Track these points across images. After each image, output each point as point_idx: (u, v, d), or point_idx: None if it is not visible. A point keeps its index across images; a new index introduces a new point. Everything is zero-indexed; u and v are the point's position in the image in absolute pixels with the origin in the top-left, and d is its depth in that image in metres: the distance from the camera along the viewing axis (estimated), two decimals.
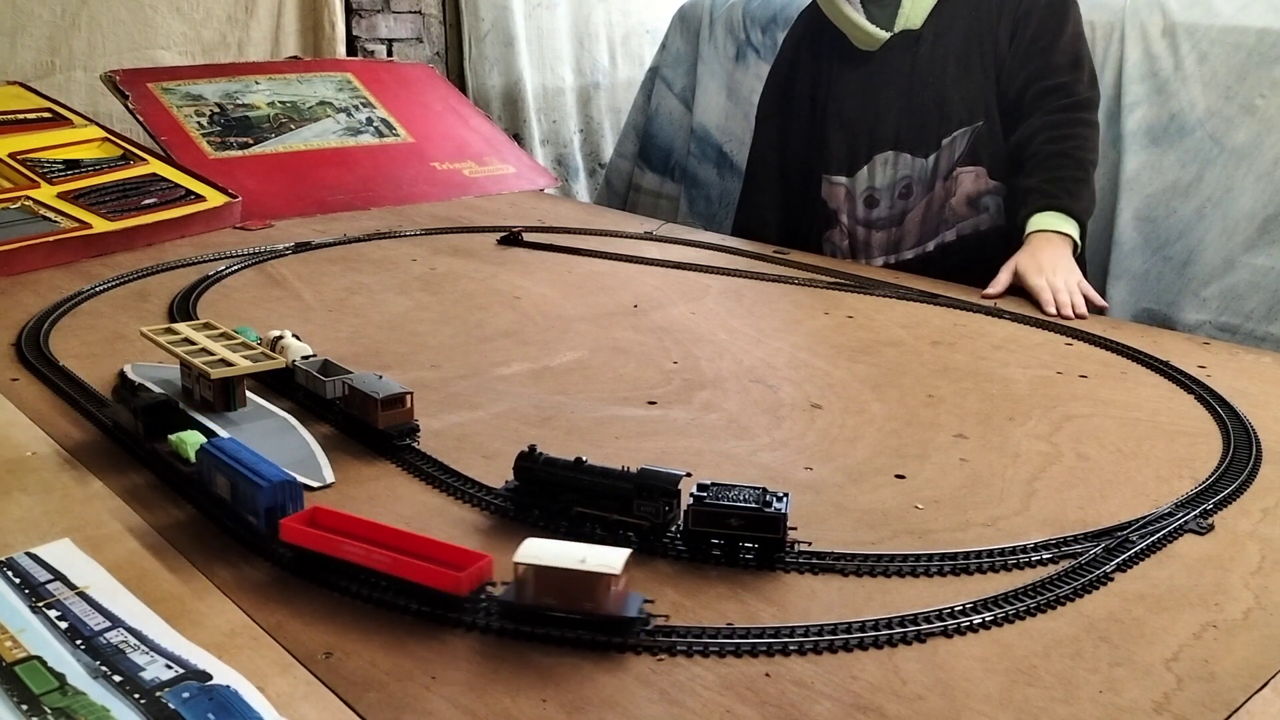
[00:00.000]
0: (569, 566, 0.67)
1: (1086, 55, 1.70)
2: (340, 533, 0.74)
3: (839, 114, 1.85)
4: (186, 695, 0.61)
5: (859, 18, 1.79)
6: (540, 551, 0.69)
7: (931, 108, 1.76)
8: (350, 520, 0.76)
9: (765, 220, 1.97)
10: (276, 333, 1.10)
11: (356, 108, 2.36)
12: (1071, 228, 1.59)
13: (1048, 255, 1.56)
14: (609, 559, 0.68)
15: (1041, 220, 1.60)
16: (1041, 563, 0.79)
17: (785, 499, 0.77)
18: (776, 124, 1.97)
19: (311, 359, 1.06)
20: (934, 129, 1.76)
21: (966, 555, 0.79)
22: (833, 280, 1.63)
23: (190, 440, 0.85)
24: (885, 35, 1.78)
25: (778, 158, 1.97)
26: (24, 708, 0.59)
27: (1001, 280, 1.57)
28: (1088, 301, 1.50)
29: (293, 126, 2.23)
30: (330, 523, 0.76)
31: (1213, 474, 0.95)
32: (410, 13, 2.97)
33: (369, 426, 0.95)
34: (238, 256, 1.66)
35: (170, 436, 0.87)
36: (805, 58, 1.92)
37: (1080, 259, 1.61)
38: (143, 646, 0.65)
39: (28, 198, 1.73)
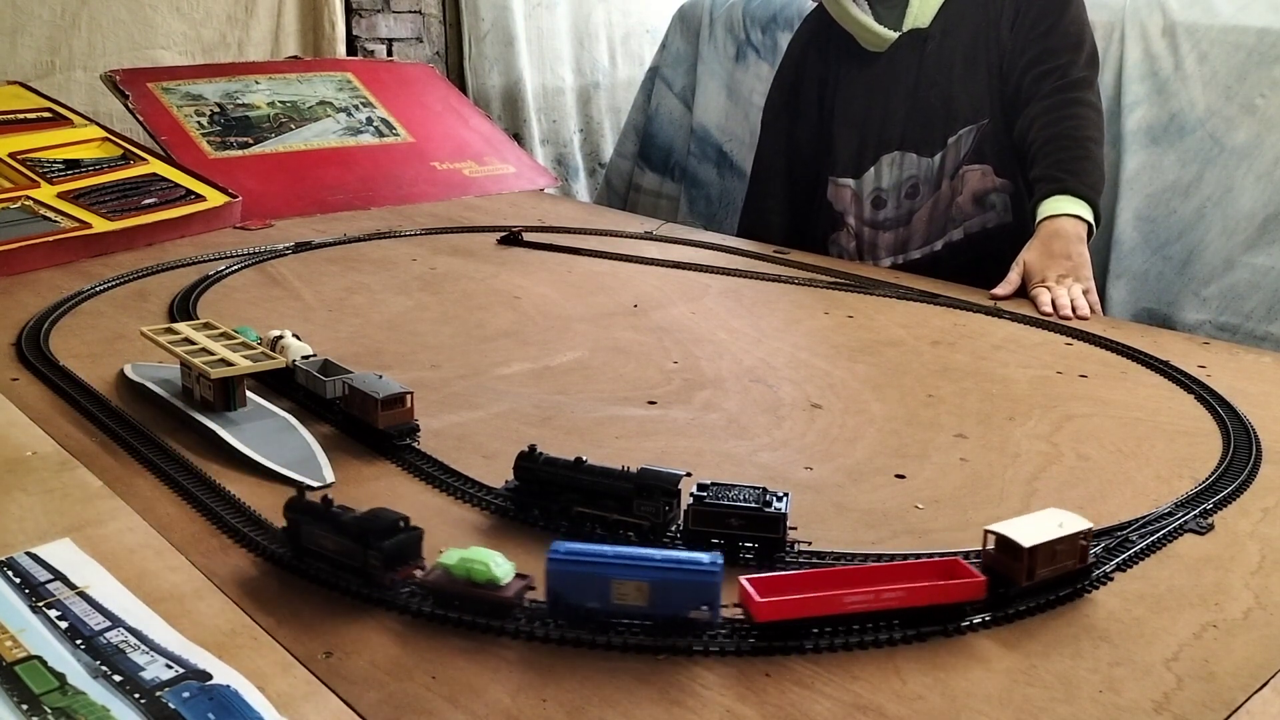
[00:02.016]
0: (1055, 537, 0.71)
1: (1089, 37, 1.69)
2: (810, 590, 0.69)
3: (846, 115, 1.85)
4: (186, 695, 0.61)
5: (867, 19, 1.78)
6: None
7: (938, 107, 1.75)
8: (795, 578, 0.70)
9: (771, 224, 1.97)
10: (276, 333, 1.10)
11: (356, 107, 2.36)
12: (1081, 208, 1.58)
13: (1058, 247, 1.55)
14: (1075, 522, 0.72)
15: (1049, 206, 1.59)
16: None
17: (785, 499, 0.77)
18: (783, 127, 1.96)
19: (311, 359, 1.06)
20: (940, 128, 1.76)
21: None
22: (833, 280, 1.63)
23: (491, 560, 0.69)
24: (894, 35, 1.78)
25: (784, 161, 1.97)
26: (24, 707, 0.59)
27: (1012, 279, 1.57)
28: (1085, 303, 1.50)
29: (293, 126, 2.23)
30: (788, 586, 0.69)
31: (1213, 474, 0.95)
32: (410, 13, 2.97)
33: (369, 426, 0.95)
34: (238, 256, 1.66)
35: (450, 562, 0.70)
36: (812, 60, 1.91)
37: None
38: (143, 646, 0.65)
39: (28, 198, 1.73)
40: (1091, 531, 0.74)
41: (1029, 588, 0.72)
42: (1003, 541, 0.72)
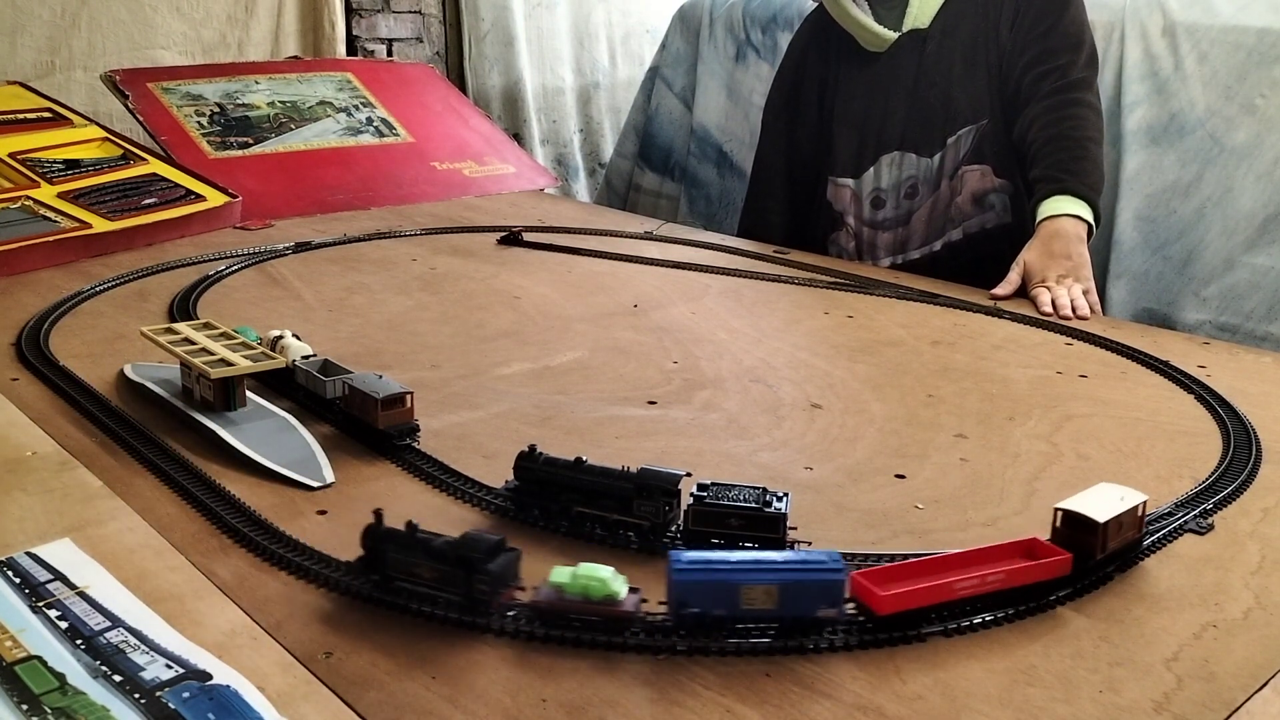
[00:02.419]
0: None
1: (1088, 37, 1.69)
2: (918, 580, 0.70)
3: (846, 115, 1.85)
4: (186, 695, 0.61)
5: (867, 19, 1.78)
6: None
7: (937, 107, 1.75)
8: (898, 569, 0.71)
9: (771, 224, 1.97)
10: (276, 333, 1.10)
11: (356, 107, 2.36)
12: (1080, 208, 1.58)
13: (1059, 247, 1.55)
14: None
15: (1049, 206, 1.59)
16: None
17: (785, 499, 0.77)
18: (783, 127, 1.96)
19: (311, 359, 1.06)
20: (939, 128, 1.76)
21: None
22: (833, 280, 1.63)
23: (606, 576, 0.68)
24: (894, 36, 1.78)
25: (784, 161, 1.97)
26: (24, 708, 0.59)
27: (1012, 279, 1.57)
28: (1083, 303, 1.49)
29: (293, 126, 2.23)
30: (898, 576, 0.70)
31: (1213, 474, 0.95)
32: (410, 13, 2.97)
33: (369, 426, 0.95)
34: (238, 256, 1.66)
35: (563, 581, 0.68)
36: (812, 60, 1.91)
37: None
38: (143, 646, 0.65)
39: (28, 198, 1.73)
40: (1146, 502, 0.79)
41: (1103, 559, 0.75)
42: (1074, 518, 0.75)
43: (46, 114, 2.02)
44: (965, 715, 0.62)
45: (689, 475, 0.82)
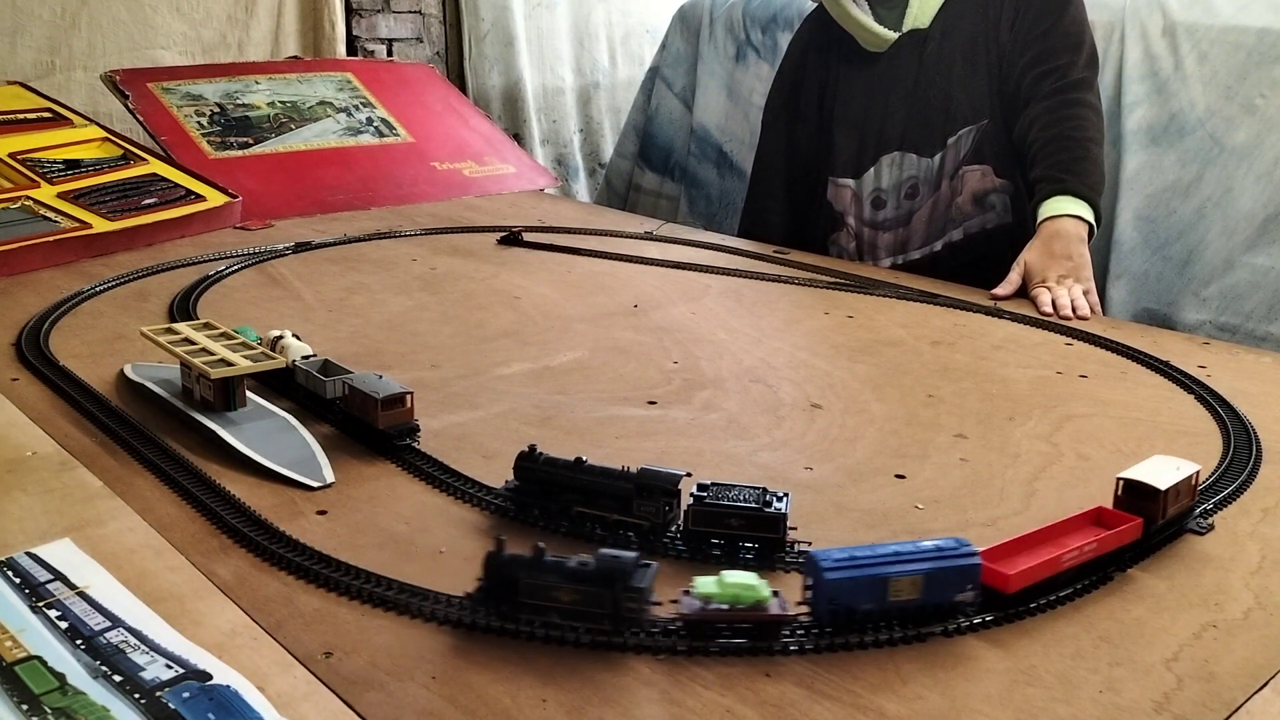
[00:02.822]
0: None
1: (1088, 37, 1.69)
2: (1030, 556, 0.73)
3: (846, 116, 1.85)
4: (186, 695, 0.61)
5: (867, 19, 1.78)
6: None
7: (938, 107, 1.75)
8: (1006, 547, 0.73)
9: (771, 224, 1.97)
10: (276, 333, 1.10)
11: (356, 108, 2.36)
12: (1081, 208, 1.58)
13: (1059, 248, 1.55)
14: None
15: (1050, 206, 1.59)
16: None
17: (785, 499, 0.77)
18: (783, 128, 1.96)
19: (311, 359, 1.06)
20: (940, 128, 1.76)
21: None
22: (833, 280, 1.63)
23: (753, 583, 0.67)
24: (894, 36, 1.78)
25: (784, 161, 1.97)
26: (24, 708, 0.59)
27: (1012, 279, 1.57)
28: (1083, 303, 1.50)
29: (293, 126, 2.23)
30: (1012, 554, 0.73)
31: (1213, 474, 0.95)
32: (410, 13, 2.97)
33: (369, 426, 0.95)
34: (238, 256, 1.66)
35: (712, 591, 0.67)
36: (812, 61, 1.91)
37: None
38: (143, 646, 0.65)
39: (28, 198, 1.73)
40: (1199, 472, 0.84)
41: (1163, 525, 0.80)
42: (1136, 486, 0.80)
43: (46, 114, 2.02)
44: (965, 715, 0.62)
45: (689, 475, 0.82)
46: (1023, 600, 0.72)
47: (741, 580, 0.67)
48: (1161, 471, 0.80)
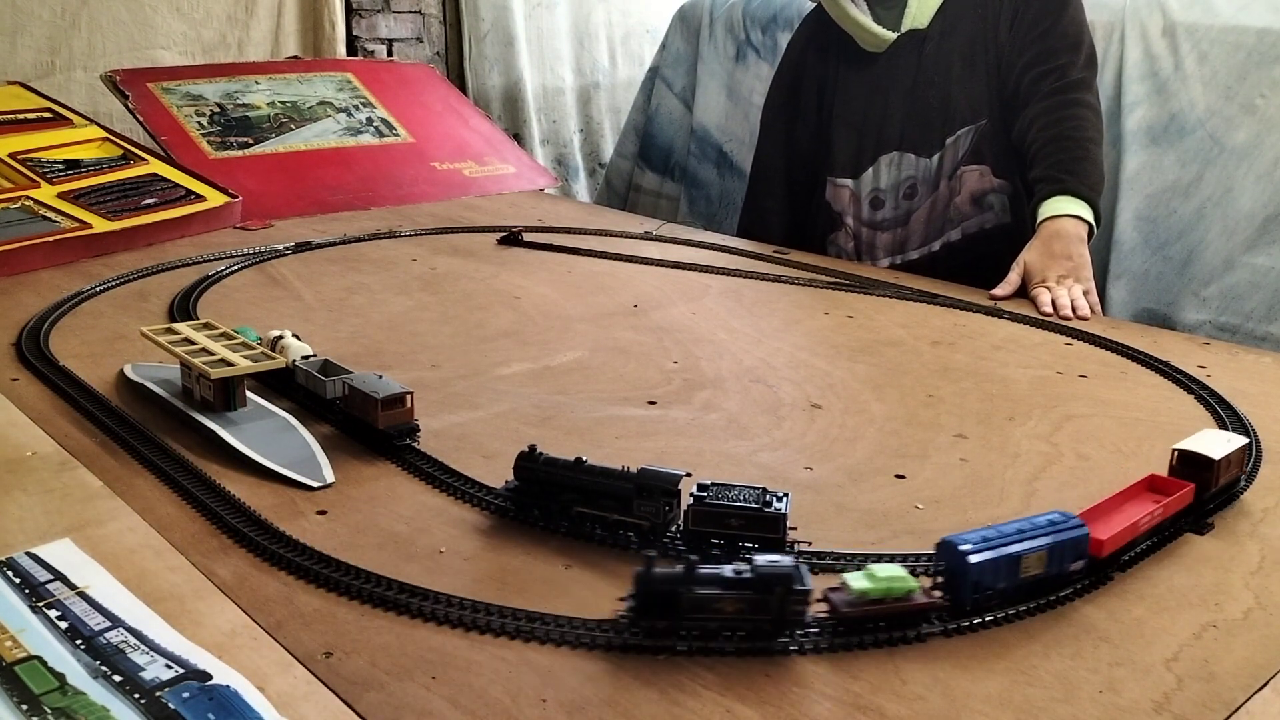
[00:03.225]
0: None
1: (1087, 37, 1.69)
2: (1112, 522, 0.78)
3: (845, 116, 1.85)
4: (186, 695, 0.61)
5: (866, 20, 1.78)
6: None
7: (936, 107, 1.75)
8: (1083, 516, 0.77)
9: (770, 224, 1.97)
10: (276, 333, 1.10)
11: (356, 108, 2.36)
12: (1081, 208, 1.58)
13: (1059, 248, 1.55)
14: None
15: (1050, 206, 1.59)
16: None
17: (785, 499, 0.77)
18: (782, 128, 1.96)
19: (311, 359, 1.06)
20: (938, 128, 1.76)
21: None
22: (833, 280, 1.63)
23: (902, 574, 0.69)
24: (892, 36, 1.78)
25: (783, 161, 1.97)
26: (24, 708, 0.59)
27: (1012, 280, 1.57)
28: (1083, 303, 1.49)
29: (293, 126, 2.23)
30: (1090, 520, 0.76)
31: None
32: (410, 13, 2.97)
33: (369, 426, 0.95)
34: (238, 256, 1.66)
35: (867, 585, 0.69)
36: (811, 61, 1.91)
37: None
38: (143, 646, 0.65)
39: (28, 198, 1.73)
40: (1248, 445, 0.91)
41: (1216, 493, 0.86)
42: (1189, 456, 0.86)
43: (46, 114, 2.02)
44: (965, 715, 0.62)
45: (689, 475, 0.82)
46: (1115, 564, 0.77)
47: (891, 572, 0.69)
48: (1214, 443, 0.87)
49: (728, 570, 0.67)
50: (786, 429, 1.05)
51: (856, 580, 0.68)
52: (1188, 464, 0.86)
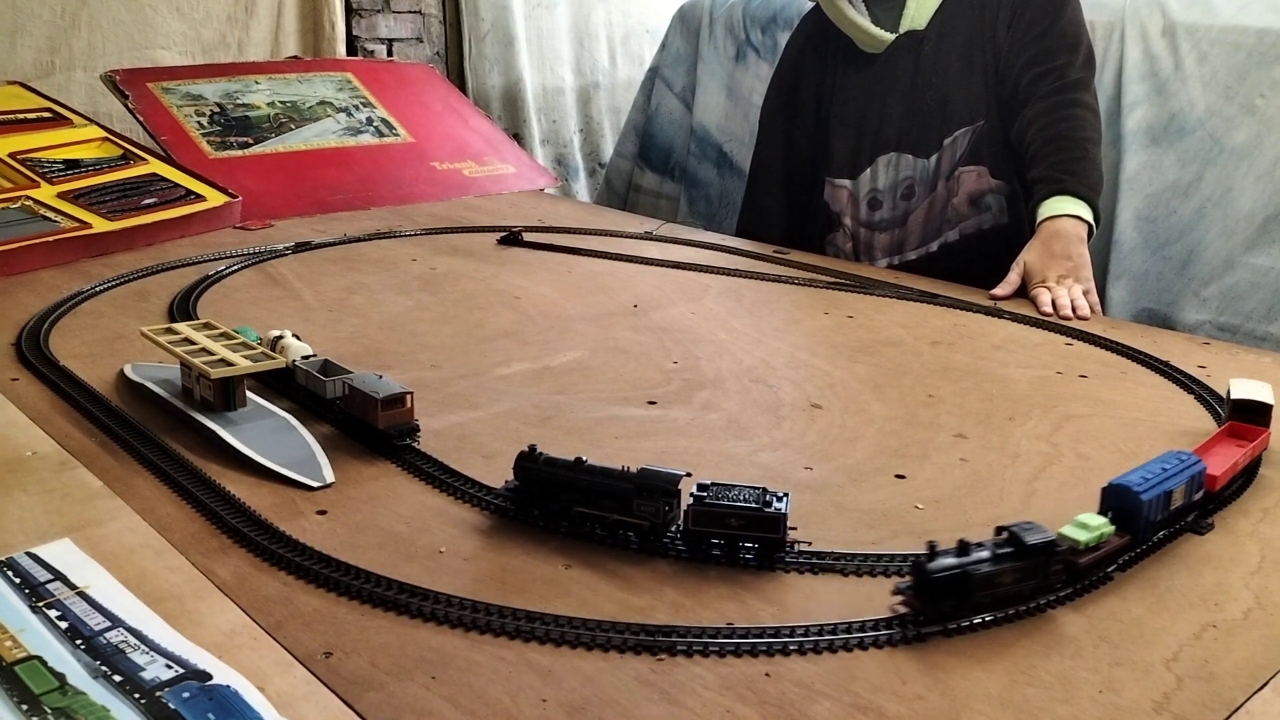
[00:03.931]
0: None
1: (1085, 38, 1.69)
2: (1211, 460, 0.88)
3: (843, 116, 1.85)
4: (186, 695, 0.61)
5: (864, 21, 1.78)
6: None
7: (934, 108, 1.75)
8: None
9: (769, 224, 1.97)
10: (276, 333, 1.10)
11: (356, 107, 2.36)
12: (1081, 208, 1.58)
13: (1059, 248, 1.55)
14: None
15: (1050, 207, 1.59)
16: None
17: (785, 499, 0.77)
18: (780, 128, 1.96)
19: (311, 359, 1.06)
20: (936, 129, 1.76)
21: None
22: (833, 280, 1.63)
23: (1097, 521, 0.76)
24: (890, 37, 1.78)
25: (781, 162, 1.97)
26: (24, 708, 0.59)
27: (1012, 279, 1.57)
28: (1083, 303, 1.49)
29: (293, 126, 2.23)
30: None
31: None
32: (410, 13, 2.97)
33: (369, 426, 0.95)
34: (238, 256, 1.66)
35: (1077, 534, 0.75)
36: (809, 61, 1.91)
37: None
38: (143, 646, 0.65)
39: (28, 198, 1.73)
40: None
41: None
42: (1244, 404, 0.97)
43: (46, 114, 2.02)
44: (965, 715, 0.62)
45: (689, 475, 0.82)
46: (1220, 496, 0.88)
47: (1096, 521, 0.76)
48: (1257, 391, 0.98)
49: (985, 550, 0.72)
50: (786, 429, 1.05)
51: (1075, 532, 0.75)
52: (1242, 410, 0.97)
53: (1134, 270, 1.99)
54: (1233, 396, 0.98)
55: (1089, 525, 0.75)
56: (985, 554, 0.70)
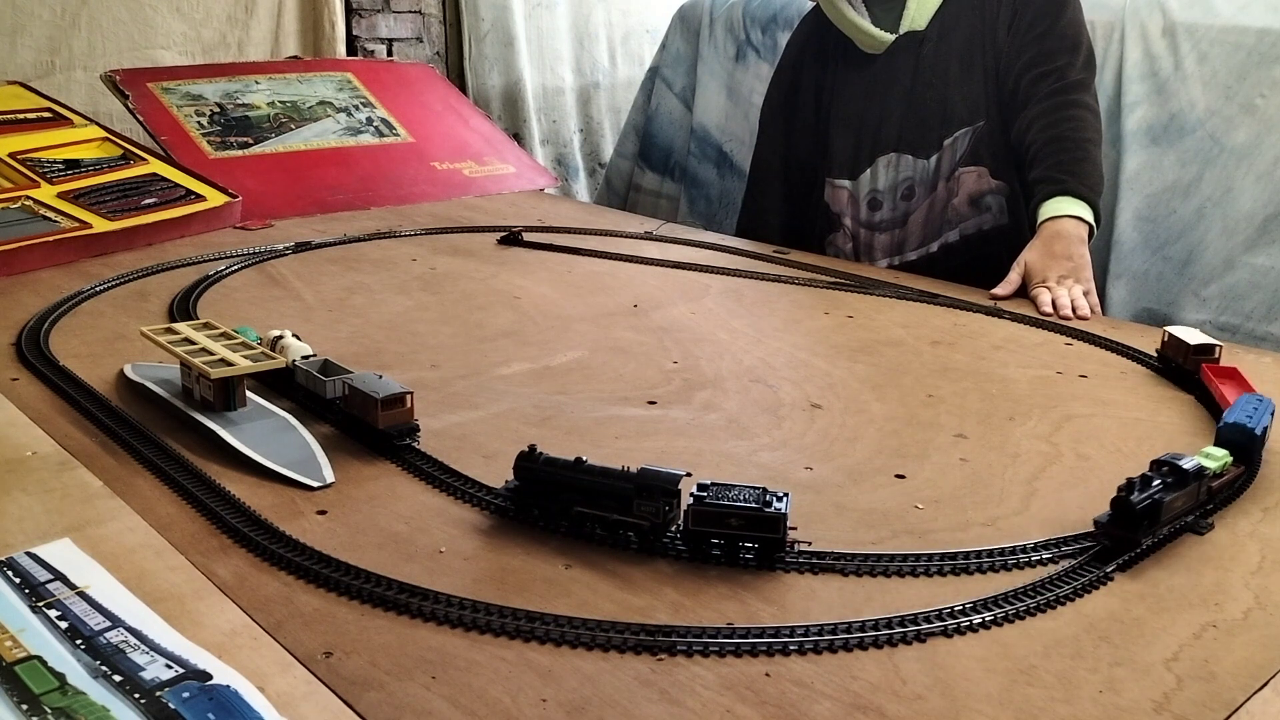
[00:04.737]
0: None
1: (1085, 39, 1.69)
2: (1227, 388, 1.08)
3: (843, 117, 1.85)
4: (186, 695, 0.61)
5: (863, 22, 1.78)
6: None
7: (934, 108, 1.75)
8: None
9: (769, 224, 1.97)
10: (276, 333, 1.10)
11: (356, 107, 2.36)
12: (1081, 209, 1.58)
13: (1060, 248, 1.55)
14: None
15: (1050, 207, 1.59)
16: (1041, 563, 0.79)
17: (785, 499, 0.77)
18: (780, 128, 1.96)
19: (311, 359, 1.06)
20: (936, 130, 1.76)
21: (966, 555, 0.79)
22: (833, 280, 1.63)
23: (1220, 453, 0.88)
24: (890, 38, 1.78)
25: (781, 162, 1.97)
26: (24, 708, 0.59)
27: (1012, 279, 1.57)
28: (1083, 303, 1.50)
29: (293, 126, 2.23)
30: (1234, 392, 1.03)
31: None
32: (410, 13, 2.97)
33: (369, 426, 0.95)
34: (238, 256, 1.66)
35: (1209, 460, 0.86)
36: (809, 62, 1.91)
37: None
38: (143, 646, 0.65)
39: (28, 198, 1.73)
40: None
41: None
42: (1200, 348, 1.18)
43: (46, 114, 2.02)
44: (965, 715, 0.62)
45: (689, 475, 0.82)
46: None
47: (1218, 452, 0.87)
48: (1194, 335, 1.19)
49: (1162, 478, 0.82)
50: (786, 429, 1.05)
51: (1208, 462, 0.85)
52: (1203, 352, 1.16)
53: (1134, 270, 1.99)
54: (1192, 343, 1.17)
55: (1214, 455, 0.86)
56: (1160, 484, 0.81)
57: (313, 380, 1.02)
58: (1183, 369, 1.20)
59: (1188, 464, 0.83)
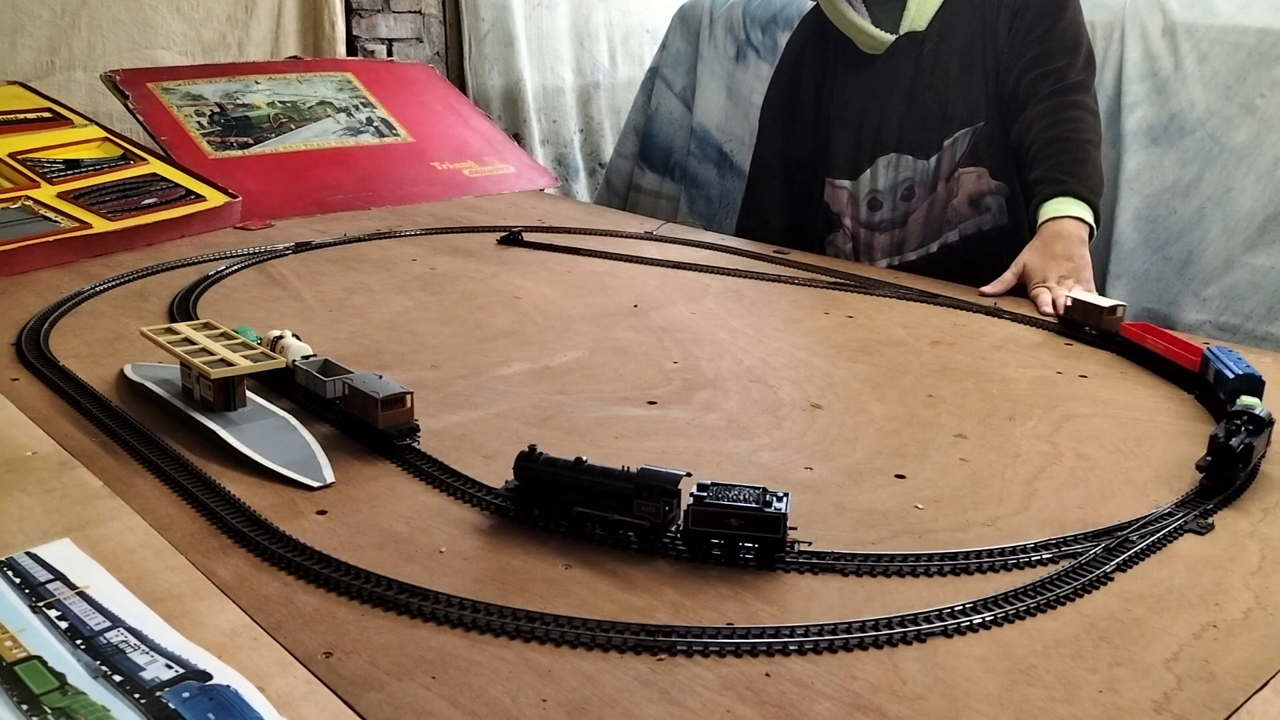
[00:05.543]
0: None
1: (1085, 40, 1.69)
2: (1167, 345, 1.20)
3: (843, 117, 1.85)
4: (186, 695, 0.61)
5: (863, 22, 1.78)
6: None
7: (934, 109, 1.75)
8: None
9: (769, 224, 1.97)
10: (276, 333, 1.10)
11: (356, 108, 2.36)
12: (1081, 210, 1.58)
13: (1060, 248, 1.55)
14: None
15: (1050, 208, 1.59)
16: (1041, 563, 0.79)
17: (785, 499, 0.77)
18: (780, 128, 1.96)
19: (311, 359, 1.06)
20: (936, 130, 1.76)
21: (966, 555, 0.79)
22: (833, 280, 1.63)
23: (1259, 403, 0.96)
24: (890, 38, 1.78)
25: (781, 162, 1.97)
26: (24, 708, 0.59)
27: (1006, 278, 1.57)
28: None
29: (293, 126, 2.23)
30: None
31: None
32: (410, 13, 2.97)
33: (369, 426, 0.95)
34: (238, 256, 1.66)
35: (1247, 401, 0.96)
36: (809, 62, 1.91)
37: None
38: (143, 646, 0.65)
39: (28, 198, 1.73)
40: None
41: None
42: (1110, 309, 1.31)
43: (46, 114, 2.02)
44: (965, 715, 0.62)
45: (689, 475, 0.82)
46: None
47: (1250, 398, 0.96)
48: (1099, 299, 1.32)
49: (1242, 425, 0.92)
50: (786, 429, 1.05)
51: (1250, 403, 0.94)
52: (1112, 313, 1.29)
53: (1134, 270, 1.99)
54: (1104, 305, 1.28)
55: (1254, 402, 0.95)
56: (1244, 431, 0.91)
57: (313, 380, 1.02)
58: (1100, 330, 1.31)
59: (1261, 412, 0.93)
